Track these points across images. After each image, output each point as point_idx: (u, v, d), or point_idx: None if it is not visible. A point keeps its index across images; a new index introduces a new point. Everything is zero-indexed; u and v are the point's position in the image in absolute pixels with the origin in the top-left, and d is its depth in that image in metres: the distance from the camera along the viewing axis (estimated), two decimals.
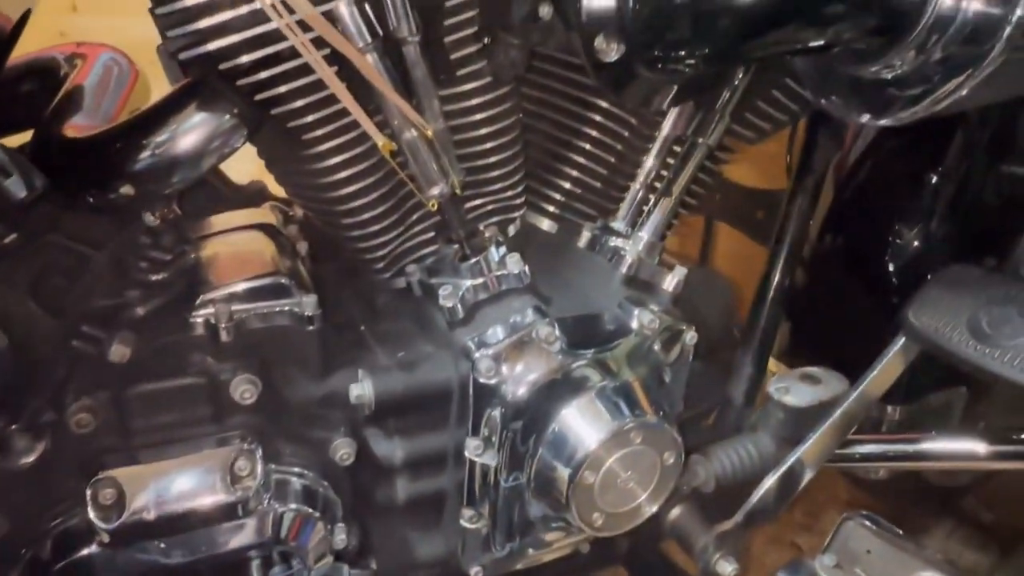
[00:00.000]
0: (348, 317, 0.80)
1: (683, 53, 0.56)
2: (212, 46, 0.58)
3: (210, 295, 0.68)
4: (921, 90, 0.59)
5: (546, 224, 0.84)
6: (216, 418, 0.64)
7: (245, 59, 0.59)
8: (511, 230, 0.80)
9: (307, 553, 0.65)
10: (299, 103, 0.62)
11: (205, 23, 0.56)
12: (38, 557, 0.60)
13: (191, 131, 0.62)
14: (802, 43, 0.56)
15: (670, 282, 0.80)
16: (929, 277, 0.83)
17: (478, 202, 0.77)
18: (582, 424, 0.69)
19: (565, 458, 0.69)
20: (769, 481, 0.81)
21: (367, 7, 0.61)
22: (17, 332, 0.63)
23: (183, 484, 0.61)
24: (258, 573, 0.66)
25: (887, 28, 0.55)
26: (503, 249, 0.73)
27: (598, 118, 0.78)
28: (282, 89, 0.61)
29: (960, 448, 0.87)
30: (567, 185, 0.82)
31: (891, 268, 1.03)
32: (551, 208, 0.83)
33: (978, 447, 0.86)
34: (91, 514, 0.58)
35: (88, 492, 0.59)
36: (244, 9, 0.56)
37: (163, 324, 0.66)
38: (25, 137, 0.70)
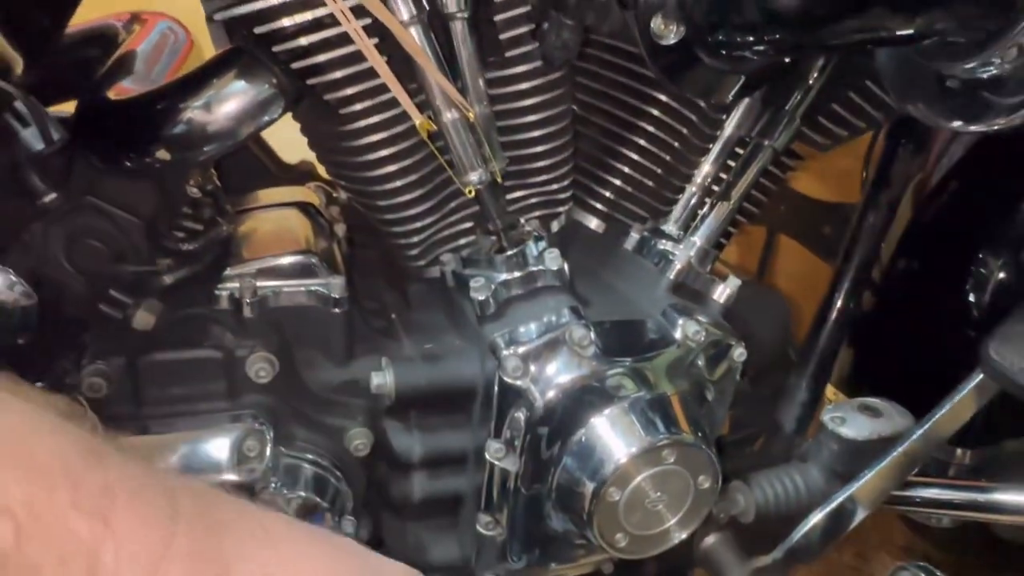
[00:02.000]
0: (380, 304, 0.78)
1: (750, 39, 0.51)
2: (249, 8, 0.56)
3: (238, 269, 0.66)
4: (1021, 97, 0.52)
5: (594, 223, 0.80)
6: (229, 395, 0.63)
7: (282, 24, 0.57)
8: (555, 225, 0.76)
9: None
10: (337, 75, 0.60)
11: None
12: None
13: (228, 99, 0.61)
14: (887, 32, 0.50)
15: (721, 293, 0.74)
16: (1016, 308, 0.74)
17: (520, 193, 0.73)
18: (612, 436, 0.64)
19: (590, 471, 0.64)
20: (816, 517, 0.75)
21: None
22: (48, 292, 0.62)
23: (189, 459, 0.59)
24: None
25: (987, 20, 0.49)
26: (543, 244, 0.70)
27: (655, 112, 0.73)
28: (320, 59, 0.59)
29: None
30: (618, 182, 0.77)
31: (971, 300, 0.95)
32: (600, 206, 0.79)
33: None
34: None
35: None
36: None
37: (189, 295, 0.65)
38: None
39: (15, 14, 0.58)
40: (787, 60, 0.62)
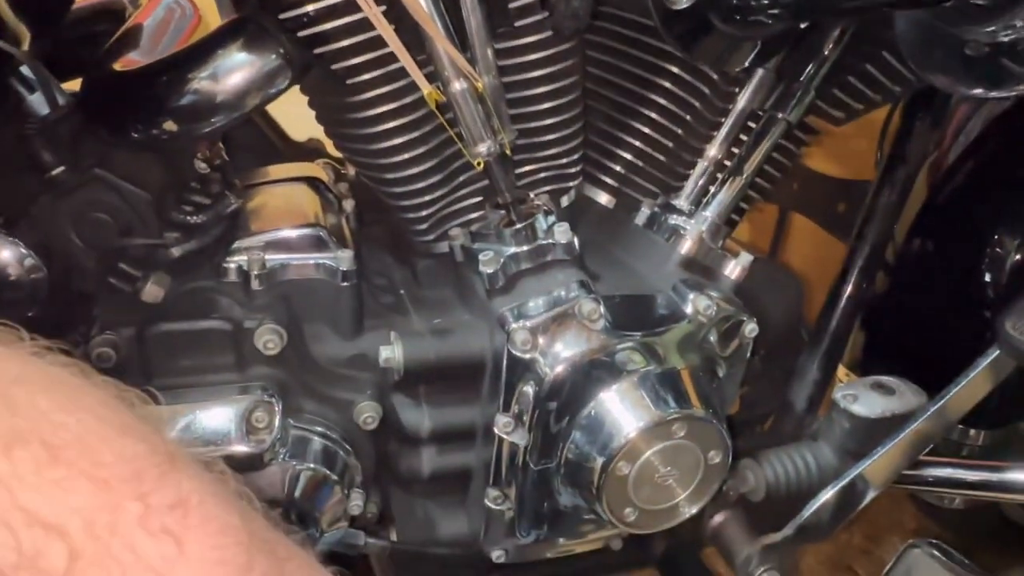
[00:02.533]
0: (388, 280, 0.77)
1: (764, 2, 0.50)
2: None
3: (246, 242, 0.66)
4: None
5: (604, 198, 0.79)
6: (238, 366, 0.63)
7: None
8: (564, 200, 0.76)
9: (320, 515, 0.63)
10: (345, 43, 0.59)
11: None
12: None
13: (234, 69, 0.60)
14: None
15: (732, 269, 0.74)
16: None
17: (530, 168, 0.72)
18: (621, 410, 0.64)
19: (599, 445, 0.64)
20: (826, 494, 0.74)
21: None
22: (57, 265, 0.62)
23: (197, 430, 0.59)
24: None
25: None
26: (552, 218, 0.69)
27: (667, 85, 0.72)
28: (327, 27, 0.58)
29: None
30: (629, 157, 0.76)
31: (987, 280, 0.93)
32: (610, 181, 0.78)
33: None
34: None
35: None
36: None
37: (197, 267, 0.65)
38: None
39: None
40: (802, 27, 0.61)
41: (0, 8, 0.57)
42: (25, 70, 0.51)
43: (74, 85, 0.68)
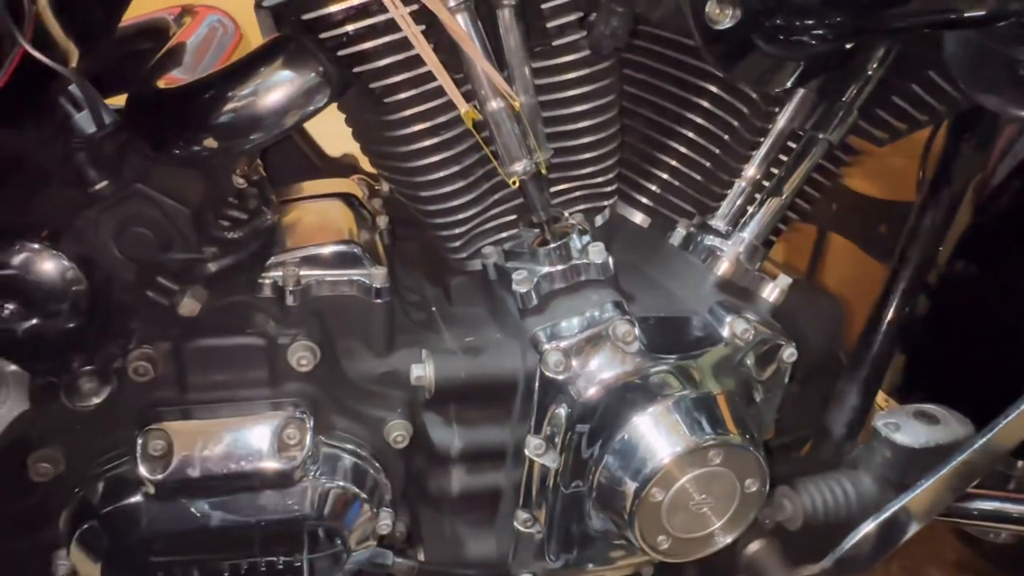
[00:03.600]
0: (420, 297, 0.77)
1: (808, 22, 0.49)
2: None
3: (281, 257, 0.67)
4: None
5: (639, 218, 0.78)
6: (271, 382, 0.63)
7: (330, 10, 0.57)
8: (599, 220, 0.75)
9: (348, 533, 0.62)
10: (384, 62, 0.60)
11: None
12: (88, 499, 0.60)
13: (275, 87, 0.61)
14: (957, 13, 0.48)
15: (771, 291, 0.72)
16: None
17: (565, 186, 0.72)
18: (655, 435, 0.63)
19: (632, 470, 0.62)
20: (868, 527, 0.71)
21: None
22: (98, 277, 0.64)
23: (230, 445, 0.59)
24: (303, 547, 0.64)
25: None
26: (587, 238, 0.68)
27: (705, 104, 0.71)
28: (367, 46, 0.59)
29: None
30: (665, 176, 0.75)
31: None
32: (645, 200, 0.77)
33: None
34: (139, 463, 0.58)
35: (139, 441, 0.58)
36: None
37: (233, 282, 0.66)
38: None
39: (72, 6, 0.59)
40: (847, 47, 0.60)
41: (49, 26, 0.58)
42: (74, 89, 0.52)
43: (118, 100, 0.70)
